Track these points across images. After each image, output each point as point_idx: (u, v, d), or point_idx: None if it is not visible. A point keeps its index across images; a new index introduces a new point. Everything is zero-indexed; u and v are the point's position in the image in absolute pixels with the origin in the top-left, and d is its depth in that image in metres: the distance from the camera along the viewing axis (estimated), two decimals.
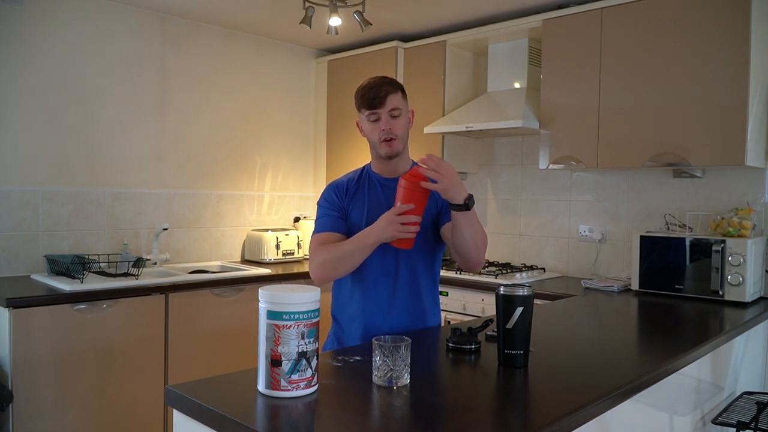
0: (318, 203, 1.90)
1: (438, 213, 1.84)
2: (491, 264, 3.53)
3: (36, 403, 2.50)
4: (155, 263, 3.37)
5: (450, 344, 1.63)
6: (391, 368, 1.28)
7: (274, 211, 4.12)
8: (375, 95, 1.77)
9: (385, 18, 3.52)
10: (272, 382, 1.21)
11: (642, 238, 2.78)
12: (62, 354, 2.57)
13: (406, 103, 1.84)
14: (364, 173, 1.91)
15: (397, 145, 1.80)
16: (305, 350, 1.21)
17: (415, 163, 1.91)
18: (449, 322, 3.06)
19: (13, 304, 2.45)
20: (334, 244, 1.76)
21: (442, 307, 3.17)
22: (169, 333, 2.92)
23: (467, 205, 1.61)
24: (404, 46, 3.79)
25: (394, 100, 1.78)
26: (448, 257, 3.87)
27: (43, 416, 2.52)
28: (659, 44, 2.73)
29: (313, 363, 1.23)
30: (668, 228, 2.95)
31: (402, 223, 1.61)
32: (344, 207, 1.84)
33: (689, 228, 2.84)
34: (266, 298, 1.23)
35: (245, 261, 3.85)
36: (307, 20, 2.95)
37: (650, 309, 2.53)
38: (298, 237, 3.90)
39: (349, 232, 1.81)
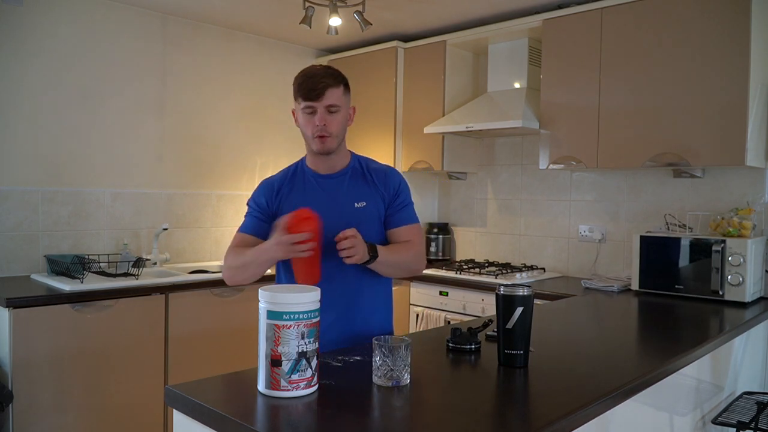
0: (247, 201, 1.84)
1: (385, 210, 1.79)
2: (491, 264, 3.53)
3: (36, 403, 2.50)
4: (155, 263, 3.37)
5: (450, 344, 1.63)
6: (391, 368, 1.28)
7: None
8: (313, 86, 1.67)
9: (385, 18, 3.52)
10: (272, 382, 1.21)
11: (642, 238, 2.78)
12: (62, 354, 2.57)
13: (347, 99, 1.75)
14: (299, 169, 1.82)
15: (330, 143, 1.72)
16: (305, 350, 1.21)
17: (356, 160, 1.83)
18: (449, 322, 3.06)
19: (13, 304, 2.45)
20: (242, 250, 1.71)
21: (442, 307, 3.22)
22: (169, 333, 2.92)
23: (373, 257, 1.64)
24: (404, 46, 3.79)
25: (333, 95, 1.69)
26: (448, 257, 3.87)
27: (43, 416, 2.52)
28: (659, 44, 2.73)
29: (313, 363, 1.23)
30: (668, 228, 2.95)
31: (293, 244, 1.55)
32: (272, 209, 1.77)
33: (689, 228, 2.84)
34: (266, 298, 1.23)
35: None
36: (307, 20, 2.95)
37: (650, 309, 2.53)
38: None
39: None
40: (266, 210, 1.78)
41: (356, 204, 1.76)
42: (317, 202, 1.72)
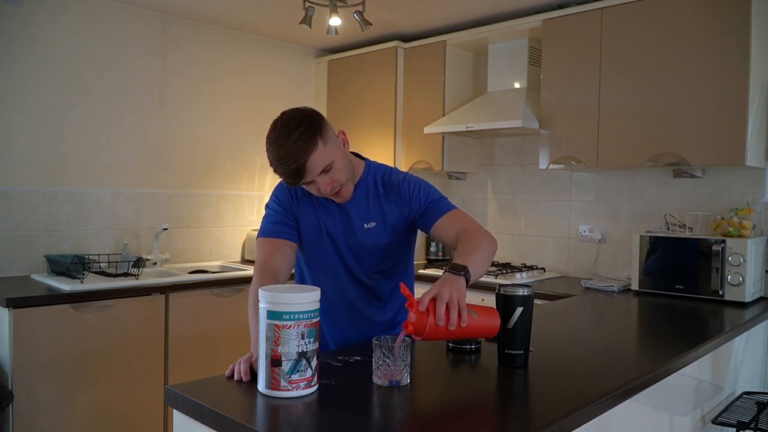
0: (267, 204, 1.71)
1: (413, 218, 1.69)
2: (491, 264, 3.52)
3: (36, 403, 2.50)
4: (155, 263, 3.37)
5: (450, 344, 1.62)
6: (391, 368, 1.28)
7: None
8: (288, 173, 1.49)
9: (385, 18, 3.52)
10: (272, 382, 1.21)
11: (642, 238, 2.78)
12: (62, 354, 2.57)
13: (331, 144, 1.54)
14: None
15: (345, 191, 1.61)
16: (305, 350, 1.21)
17: (371, 174, 1.72)
18: None
19: (13, 304, 2.45)
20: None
21: None
22: (169, 333, 2.92)
23: (467, 278, 1.40)
24: (404, 46, 3.79)
25: (315, 162, 1.49)
26: (448, 257, 3.87)
27: (43, 416, 2.52)
28: (659, 44, 2.73)
29: (313, 363, 1.23)
30: (668, 228, 2.95)
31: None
32: (294, 211, 1.69)
33: (689, 228, 2.84)
34: (266, 298, 1.22)
35: (245, 261, 3.85)
36: (307, 20, 2.95)
37: (650, 309, 2.53)
38: None
39: (300, 238, 1.69)
40: (291, 211, 1.68)
41: (365, 225, 1.68)
42: (330, 221, 1.68)
